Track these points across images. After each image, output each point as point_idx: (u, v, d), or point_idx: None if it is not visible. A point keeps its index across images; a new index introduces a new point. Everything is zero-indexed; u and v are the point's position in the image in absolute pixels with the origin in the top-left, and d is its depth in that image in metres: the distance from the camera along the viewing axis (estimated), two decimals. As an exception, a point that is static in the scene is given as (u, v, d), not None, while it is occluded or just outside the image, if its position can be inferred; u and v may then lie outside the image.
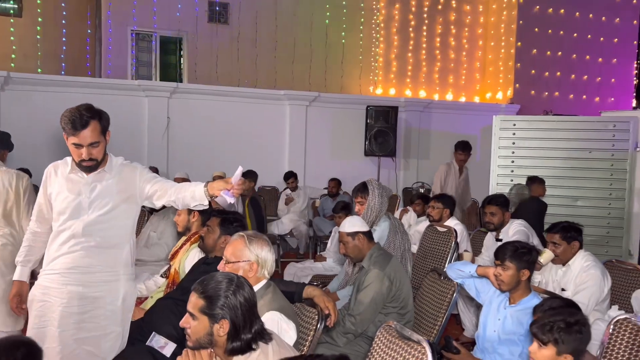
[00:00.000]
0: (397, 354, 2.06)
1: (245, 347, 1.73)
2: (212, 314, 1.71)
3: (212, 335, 1.72)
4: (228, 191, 2.35)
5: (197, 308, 1.73)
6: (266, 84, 8.42)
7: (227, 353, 1.73)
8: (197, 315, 1.73)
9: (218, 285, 1.74)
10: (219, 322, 1.71)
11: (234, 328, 1.71)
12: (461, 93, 9.51)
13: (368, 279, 2.94)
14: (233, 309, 1.71)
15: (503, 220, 3.99)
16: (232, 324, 1.70)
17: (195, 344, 1.75)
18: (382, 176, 7.88)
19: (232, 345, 1.72)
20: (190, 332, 1.75)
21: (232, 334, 1.71)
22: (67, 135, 2.29)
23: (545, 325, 1.92)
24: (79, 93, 6.09)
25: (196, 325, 1.73)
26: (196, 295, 1.75)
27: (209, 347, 1.75)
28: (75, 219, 2.35)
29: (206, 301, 1.72)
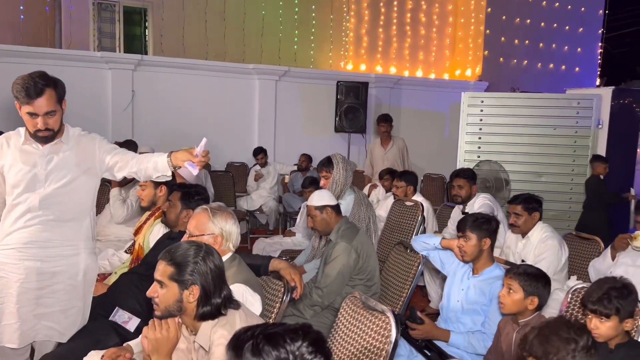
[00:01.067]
0: (362, 324, 2.08)
1: (215, 312, 1.73)
2: (182, 280, 1.71)
3: (181, 302, 1.71)
4: (192, 162, 2.30)
5: (166, 275, 1.72)
6: (235, 57, 8.25)
7: (197, 318, 1.73)
8: (166, 283, 1.72)
9: (187, 252, 1.74)
10: (189, 288, 1.71)
11: (205, 293, 1.71)
12: (431, 70, 9.53)
13: (335, 252, 2.96)
14: (203, 275, 1.71)
15: (470, 194, 4.05)
16: (202, 289, 1.71)
17: (163, 313, 1.73)
18: (352, 152, 7.89)
19: (202, 310, 1.72)
20: (159, 301, 1.73)
21: (203, 299, 1.71)
22: (20, 104, 2.19)
23: (603, 299, 1.98)
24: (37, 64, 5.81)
25: (165, 293, 1.72)
26: (164, 263, 1.74)
27: (178, 314, 1.74)
28: (30, 192, 2.26)
29: (175, 268, 1.71)
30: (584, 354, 1.49)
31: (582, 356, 1.49)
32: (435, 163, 8.00)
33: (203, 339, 1.73)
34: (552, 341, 1.52)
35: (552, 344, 1.52)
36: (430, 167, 7.88)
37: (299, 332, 1.15)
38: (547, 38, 9.42)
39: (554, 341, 1.52)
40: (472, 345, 2.49)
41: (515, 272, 2.29)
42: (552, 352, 1.51)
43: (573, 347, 1.50)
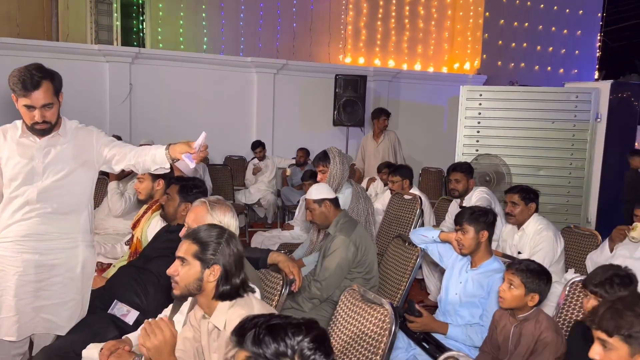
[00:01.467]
0: (361, 317, 2.08)
1: (233, 293, 1.77)
2: (205, 259, 1.75)
3: (201, 281, 1.75)
4: (190, 155, 2.29)
5: (190, 253, 1.75)
6: (232, 50, 8.21)
7: (215, 297, 1.76)
8: (188, 260, 1.75)
9: (211, 232, 1.79)
10: (211, 267, 1.74)
11: (225, 274, 1.75)
12: (429, 63, 9.51)
13: (334, 245, 2.96)
14: (225, 256, 1.76)
15: (467, 187, 4.06)
16: (223, 269, 1.75)
17: (182, 291, 1.77)
18: (351, 146, 7.87)
19: (222, 290, 1.75)
20: (179, 279, 1.76)
21: (223, 279, 1.75)
22: (17, 97, 2.17)
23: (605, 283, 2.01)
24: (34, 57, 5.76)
25: (187, 270, 1.75)
26: (189, 241, 1.78)
27: (197, 293, 1.77)
28: (28, 184, 2.26)
29: (200, 246, 1.75)
30: None
31: None
32: (433, 157, 8.00)
33: (219, 318, 1.75)
34: (625, 316, 1.47)
35: (625, 318, 1.47)
36: (428, 161, 7.88)
37: (302, 327, 1.15)
38: (546, 33, 9.39)
39: (627, 316, 1.47)
40: (469, 337, 2.50)
41: (518, 267, 2.26)
42: (625, 327, 1.46)
43: None
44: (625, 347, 1.46)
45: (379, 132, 6.54)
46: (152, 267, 2.69)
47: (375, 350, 1.97)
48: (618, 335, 1.47)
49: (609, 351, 1.49)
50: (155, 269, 2.67)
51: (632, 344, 1.46)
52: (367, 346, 2.01)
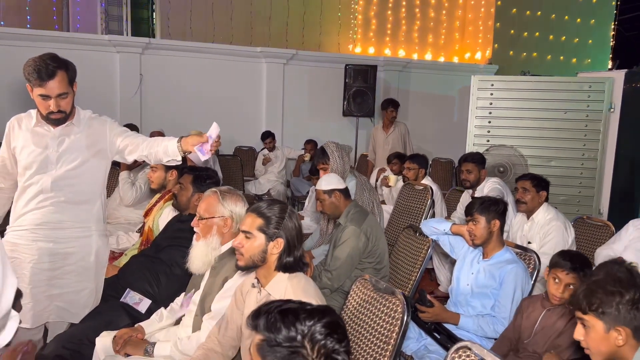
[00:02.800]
0: (372, 306, 2.08)
1: (295, 265, 1.87)
2: (269, 232, 1.83)
3: (265, 253, 1.83)
4: (202, 148, 2.30)
5: (255, 226, 1.84)
6: (242, 40, 8.18)
7: (278, 268, 1.85)
8: (253, 234, 1.84)
9: (273, 207, 1.87)
10: (275, 240, 1.83)
11: (288, 246, 1.84)
12: (440, 53, 9.42)
13: (345, 235, 2.96)
14: (288, 230, 1.84)
15: (479, 178, 4.03)
16: (286, 242, 1.84)
17: (247, 262, 1.85)
18: (361, 136, 7.85)
19: (285, 260, 1.84)
20: (244, 251, 1.85)
21: (286, 251, 1.84)
22: (32, 87, 2.19)
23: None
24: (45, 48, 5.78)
25: (251, 243, 1.84)
26: (253, 215, 1.86)
27: (260, 264, 1.85)
28: (42, 173, 2.28)
29: (264, 220, 1.84)
30: (629, 306, 1.51)
31: (628, 309, 1.51)
32: (444, 147, 7.95)
33: (275, 287, 1.84)
34: (597, 293, 1.55)
35: (596, 296, 1.54)
36: (438, 152, 7.84)
37: (315, 313, 1.15)
38: (559, 22, 9.26)
39: (599, 293, 1.54)
40: (481, 328, 2.50)
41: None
42: (596, 303, 1.54)
43: (618, 300, 1.51)
44: (600, 323, 1.54)
45: (388, 123, 6.50)
46: (164, 256, 2.71)
47: (387, 340, 1.98)
48: (591, 312, 1.55)
49: (588, 329, 1.57)
50: (166, 258, 2.69)
51: (605, 320, 1.53)
52: (378, 335, 2.01)
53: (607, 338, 1.53)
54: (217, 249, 2.25)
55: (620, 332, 1.51)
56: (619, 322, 1.52)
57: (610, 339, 1.52)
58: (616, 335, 1.52)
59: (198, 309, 2.23)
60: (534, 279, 2.68)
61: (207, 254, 2.25)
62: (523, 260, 2.72)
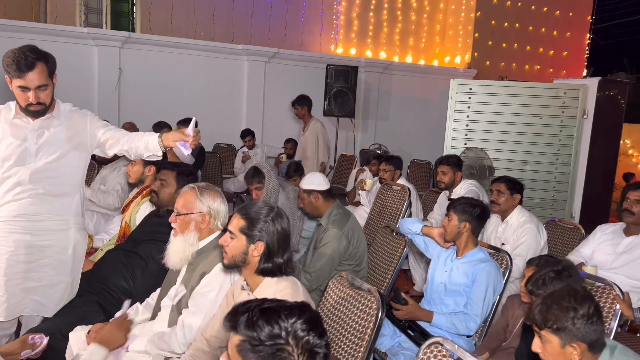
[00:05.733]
0: (348, 303, 2.12)
1: (276, 270, 1.86)
2: (250, 235, 1.85)
3: (246, 255, 1.86)
4: (185, 143, 2.30)
5: (238, 227, 1.86)
6: (224, 37, 8.15)
7: (258, 272, 1.87)
8: (236, 234, 1.86)
9: (260, 210, 1.89)
10: (255, 243, 1.85)
11: (268, 251, 1.84)
12: (421, 56, 9.53)
13: (326, 238, 2.99)
14: (270, 234, 1.85)
15: (454, 180, 4.11)
16: (266, 246, 1.84)
17: (230, 262, 1.89)
18: (340, 137, 7.89)
19: (263, 266, 1.85)
20: (227, 250, 1.88)
21: (266, 255, 1.84)
22: (11, 78, 2.16)
23: (538, 280, 2.04)
24: (22, 39, 5.69)
25: (234, 243, 1.87)
26: (239, 216, 1.89)
27: (242, 265, 1.88)
28: (21, 165, 2.26)
29: (247, 222, 1.86)
30: (584, 321, 1.54)
31: (582, 324, 1.54)
32: (423, 149, 8.05)
33: (265, 292, 1.83)
34: (552, 309, 1.57)
35: (552, 312, 1.57)
36: (417, 153, 7.93)
37: (295, 310, 1.16)
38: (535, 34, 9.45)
39: (553, 309, 1.57)
40: (454, 325, 2.55)
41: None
42: (551, 319, 1.56)
43: (572, 315, 1.54)
44: (556, 338, 1.57)
45: (304, 120, 6.17)
46: (140, 251, 2.70)
47: (362, 335, 2.01)
48: (547, 328, 1.58)
49: (545, 343, 1.60)
50: (143, 253, 2.68)
51: (561, 335, 1.57)
52: (353, 332, 2.05)
53: (563, 353, 1.57)
54: (194, 245, 2.25)
55: (576, 348, 1.55)
56: (575, 337, 1.55)
57: (566, 354, 1.56)
58: (572, 351, 1.55)
59: (175, 305, 2.23)
60: (505, 278, 2.75)
61: (184, 249, 2.24)
62: (496, 260, 2.79)
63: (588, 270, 2.84)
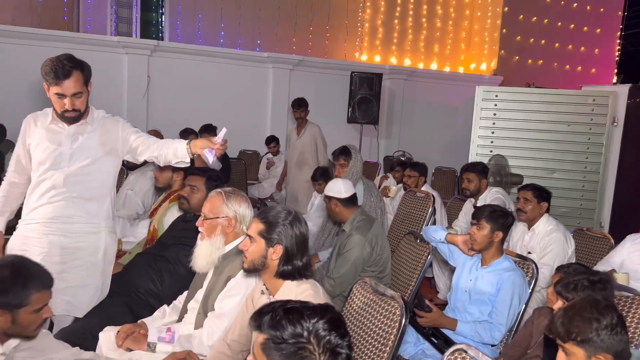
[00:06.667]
0: (371, 309, 2.12)
1: (295, 273, 1.89)
2: (269, 238, 1.88)
3: (265, 258, 1.88)
4: (212, 150, 2.36)
5: (257, 231, 1.90)
6: (249, 45, 8.27)
7: (277, 275, 1.89)
8: (255, 238, 1.90)
9: (278, 214, 1.91)
10: (274, 246, 1.87)
11: (287, 254, 1.87)
12: (446, 63, 9.49)
13: (349, 244, 2.99)
14: (288, 237, 1.87)
15: (480, 187, 4.08)
16: (285, 250, 1.87)
17: (249, 265, 1.92)
18: (364, 143, 7.90)
19: (282, 269, 1.88)
20: (247, 254, 1.91)
21: (284, 259, 1.87)
22: (48, 86, 2.25)
23: (570, 284, 2.00)
24: (55, 47, 5.85)
25: (254, 247, 1.90)
26: (257, 220, 1.92)
27: (262, 268, 1.90)
28: (55, 169, 2.34)
29: (266, 226, 1.89)
30: (608, 332, 1.50)
31: (607, 335, 1.50)
32: (447, 156, 8.01)
33: (285, 296, 1.84)
34: (574, 321, 1.53)
35: (574, 324, 1.53)
36: (442, 161, 7.89)
37: (317, 310, 1.18)
38: (564, 34, 9.31)
39: (576, 321, 1.53)
40: (478, 334, 2.53)
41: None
42: (574, 331, 1.52)
43: (596, 326, 1.50)
44: (581, 351, 1.52)
45: (300, 124, 5.90)
46: (168, 255, 2.75)
47: (385, 341, 2.02)
48: (571, 341, 1.53)
49: (570, 356, 1.55)
50: (170, 256, 2.74)
51: (585, 347, 1.51)
52: (376, 337, 2.05)
53: None
54: (220, 249, 2.30)
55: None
56: (600, 349, 1.50)
57: None
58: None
59: (201, 307, 2.27)
60: (531, 288, 2.71)
61: (211, 253, 2.29)
62: (521, 269, 2.76)
63: (619, 279, 2.78)
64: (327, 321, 1.17)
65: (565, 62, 9.36)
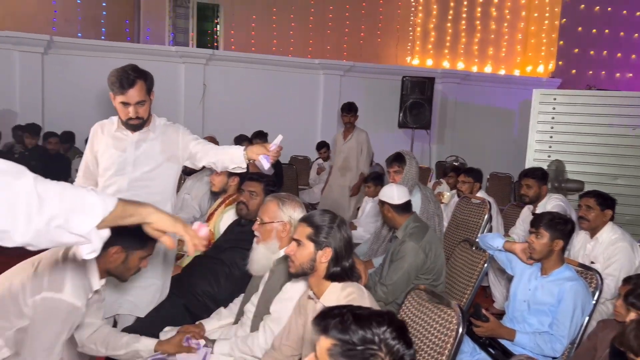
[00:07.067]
0: (427, 317, 2.10)
1: (343, 275, 1.91)
2: (318, 241, 1.89)
3: (314, 262, 1.90)
4: (267, 156, 2.42)
5: (305, 235, 1.91)
6: (300, 52, 8.37)
7: (326, 277, 1.91)
8: (303, 242, 1.90)
9: (324, 217, 1.94)
10: (323, 249, 1.88)
11: (336, 256, 1.89)
12: (501, 65, 9.26)
13: (403, 251, 2.96)
14: (336, 240, 1.90)
15: (539, 194, 3.94)
16: (334, 252, 1.88)
17: (297, 269, 1.93)
18: (416, 149, 7.81)
19: (332, 270, 1.89)
20: (294, 258, 1.93)
21: (333, 261, 1.89)
22: (114, 95, 2.37)
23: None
24: (118, 58, 6.20)
25: (301, 251, 1.91)
26: (304, 224, 1.93)
27: (310, 272, 1.92)
28: (120, 175, 2.46)
29: (313, 229, 1.90)
30: None
31: None
32: (502, 162, 7.79)
33: (329, 299, 1.86)
34: None
35: None
36: (496, 166, 7.68)
37: (385, 317, 1.17)
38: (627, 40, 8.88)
39: None
40: (538, 346, 2.44)
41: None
42: None
43: None
44: None
45: (347, 129, 5.81)
46: (225, 258, 2.82)
47: (441, 350, 1.98)
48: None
49: None
50: (227, 259, 2.80)
51: None
52: (432, 346, 2.02)
53: None
54: (276, 253, 2.34)
55: None
56: None
57: None
58: None
59: (257, 310, 2.32)
60: (595, 299, 2.59)
61: (266, 257, 2.34)
62: (584, 279, 2.64)
63: None
64: (395, 329, 1.15)
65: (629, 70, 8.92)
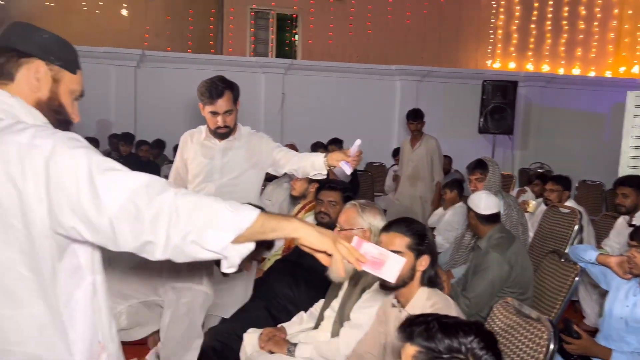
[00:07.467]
0: (515, 331, 2.01)
1: (435, 279, 1.93)
2: (418, 250, 1.90)
3: (414, 270, 1.89)
4: (347, 162, 2.44)
5: (404, 245, 1.90)
6: (378, 59, 8.37)
7: (423, 283, 1.91)
8: (403, 252, 1.86)
9: (416, 225, 1.96)
10: (422, 256, 1.90)
11: (432, 262, 1.92)
12: (590, 67, 8.73)
13: (486, 262, 2.86)
14: (431, 245, 1.94)
15: (637, 204, 3.67)
16: (431, 257, 1.92)
17: (399, 281, 1.88)
18: (497, 155, 7.53)
19: (429, 274, 1.92)
20: None
21: (430, 266, 1.92)
22: (203, 105, 2.51)
23: None
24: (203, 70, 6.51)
25: None
26: (400, 235, 1.92)
27: (409, 281, 1.90)
28: (208, 181, 2.58)
29: (413, 238, 1.91)
30: None
31: None
32: (591, 169, 7.32)
33: (416, 307, 1.86)
34: None
35: None
36: (585, 173, 7.22)
37: (472, 327, 1.15)
38: None
39: None
40: (639, 368, 2.27)
41: None
42: None
43: None
44: None
45: (415, 136, 5.55)
46: (305, 263, 2.87)
47: (530, 367, 1.90)
48: None
49: None
50: (307, 264, 2.84)
51: None
52: (521, 361, 1.94)
53: None
54: (355, 260, 2.34)
55: None
56: None
57: None
58: None
59: (337, 316, 2.34)
60: None
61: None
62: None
63: None
64: (483, 340, 1.12)
65: None
